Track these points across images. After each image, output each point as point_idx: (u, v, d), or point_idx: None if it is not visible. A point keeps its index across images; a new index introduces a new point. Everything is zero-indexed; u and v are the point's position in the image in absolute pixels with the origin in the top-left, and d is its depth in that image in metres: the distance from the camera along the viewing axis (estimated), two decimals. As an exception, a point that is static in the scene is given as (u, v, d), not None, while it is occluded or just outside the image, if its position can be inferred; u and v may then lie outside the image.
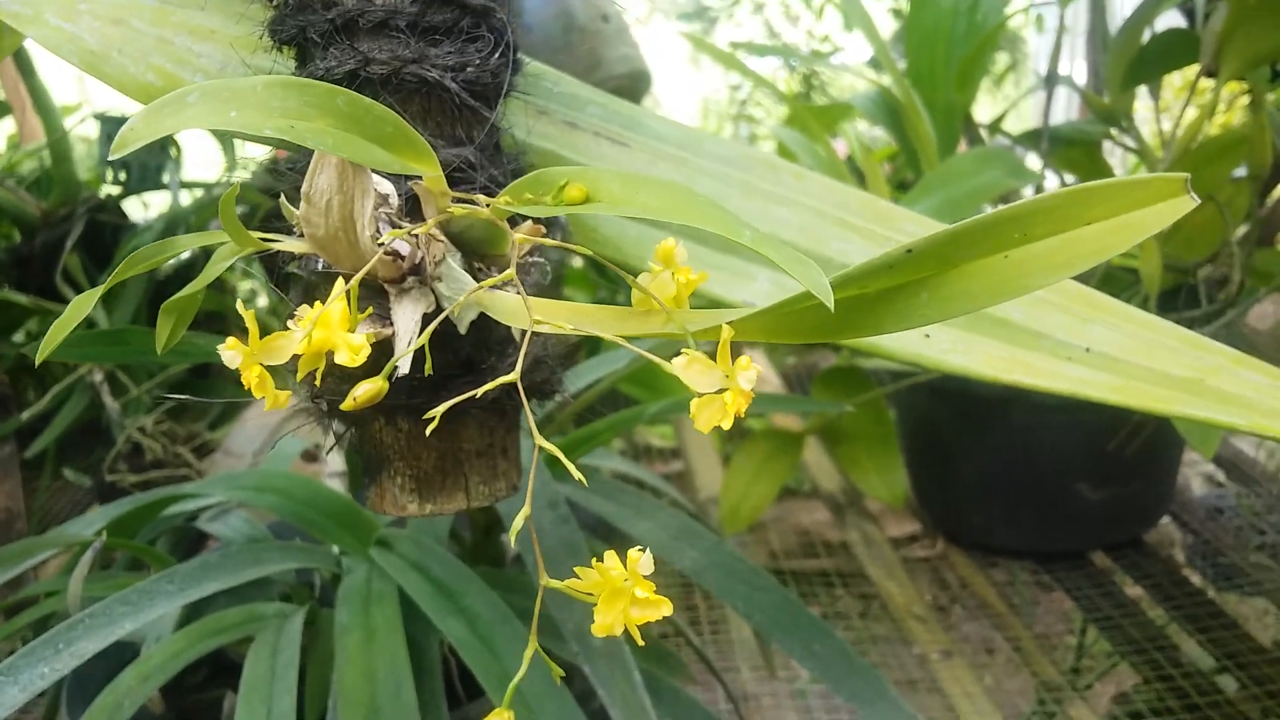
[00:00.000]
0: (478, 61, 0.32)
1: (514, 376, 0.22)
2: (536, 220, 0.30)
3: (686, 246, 0.29)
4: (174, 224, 1.27)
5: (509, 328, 0.34)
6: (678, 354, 0.20)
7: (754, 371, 0.19)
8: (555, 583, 0.22)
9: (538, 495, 0.57)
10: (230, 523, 0.67)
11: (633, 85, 1.56)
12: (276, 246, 0.30)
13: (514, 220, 0.30)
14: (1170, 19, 1.15)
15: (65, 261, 1.19)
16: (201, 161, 1.58)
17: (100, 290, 0.27)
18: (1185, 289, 1.02)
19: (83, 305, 0.26)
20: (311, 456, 0.92)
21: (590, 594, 0.23)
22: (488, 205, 0.26)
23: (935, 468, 1.12)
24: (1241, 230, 0.98)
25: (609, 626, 0.22)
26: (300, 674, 0.54)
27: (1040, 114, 1.24)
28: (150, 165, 1.36)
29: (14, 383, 1.14)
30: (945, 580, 1.08)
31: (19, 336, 1.20)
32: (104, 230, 1.29)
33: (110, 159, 1.35)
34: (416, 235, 0.29)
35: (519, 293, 0.30)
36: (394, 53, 0.31)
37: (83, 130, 1.51)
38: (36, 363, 0.25)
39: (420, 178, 0.27)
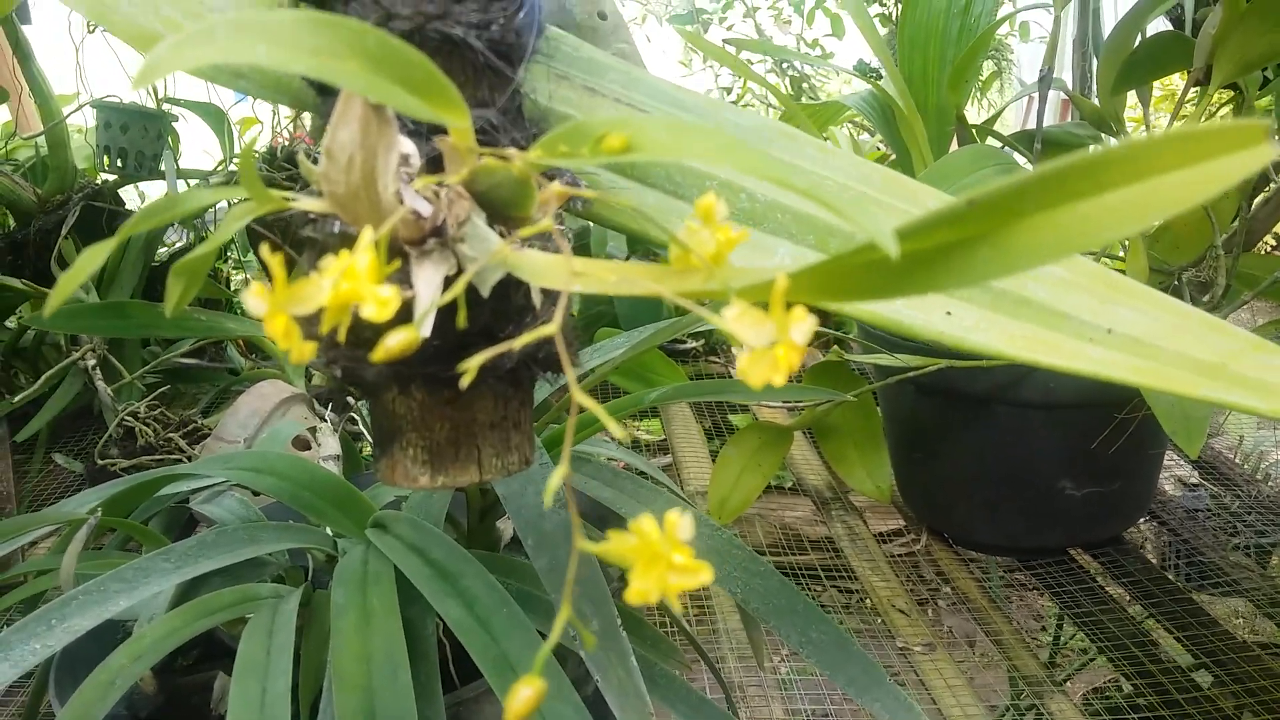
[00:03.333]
0: (502, 20, 0.31)
1: (554, 329, 0.22)
2: (563, 183, 0.29)
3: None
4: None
5: (528, 297, 0.33)
6: (728, 305, 0.19)
7: (809, 324, 0.19)
8: (590, 545, 0.21)
9: (535, 479, 0.56)
10: (225, 504, 0.66)
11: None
12: (296, 205, 0.29)
13: (541, 183, 0.29)
14: (1159, 26, 1.16)
15: (60, 247, 1.19)
16: (198, 151, 1.58)
17: (114, 242, 0.26)
18: (1170, 292, 1.02)
19: (95, 256, 0.25)
20: (304, 444, 0.91)
21: (624, 559, 0.22)
22: (521, 160, 0.25)
23: (920, 464, 1.12)
24: (1225, 235, 0.99)
25: (645, 593, 0.20)
26: (296, 654, 0.53)
27: (1020, 122, 1.25)
28: (146, 153, 1.36)
29: (6, 367, 1.13)
30: (927, 575, 1.08)
31: (11, 322, 1.20)
32: (100, 216, 1.29)
33: (96, 116, 1.33)
34: (439, 196, 0.29)
35: (554, 248, 0.30)
36: (417, 7, 0.30)
37: (79, 120, 1.50)
38: (46, 314, 0.24)
39: (446, 132, 0.27)
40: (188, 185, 1.34)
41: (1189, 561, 1.08)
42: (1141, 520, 1.14)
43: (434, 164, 0.31)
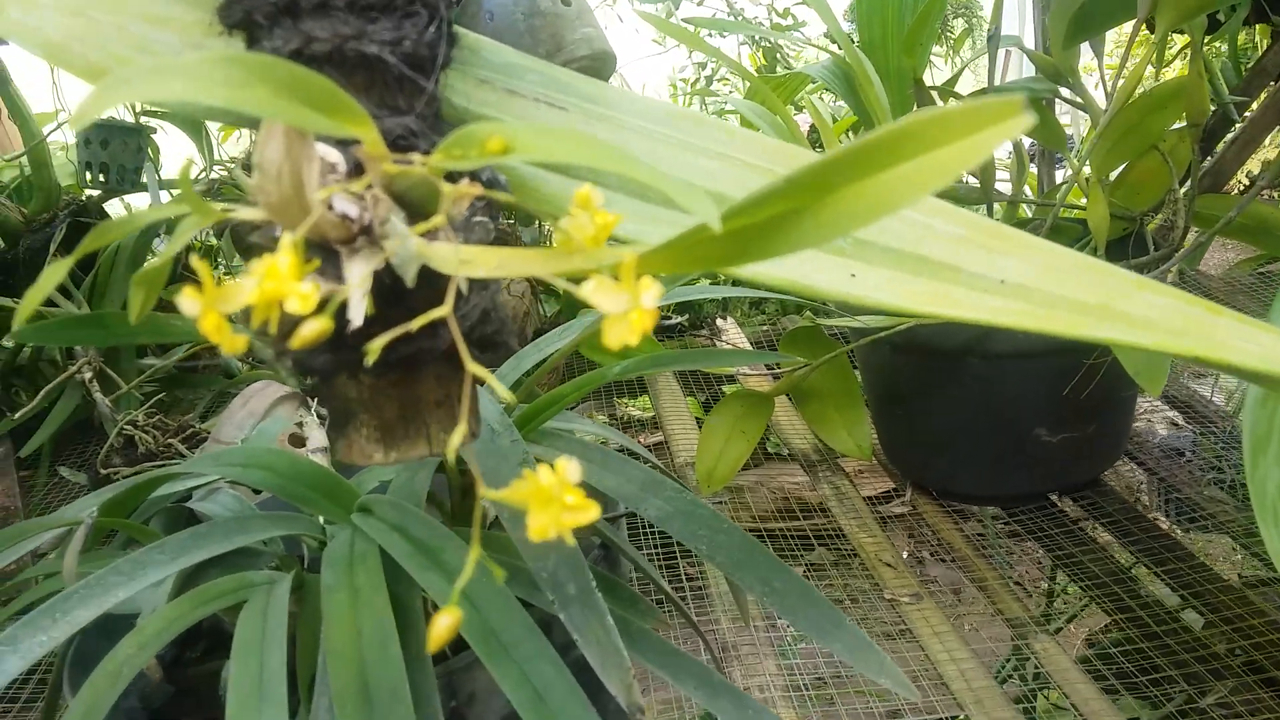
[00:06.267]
0: (414, 36, 0.34)
1: (445, 310, 0.25)
2: (474, 180, 0.32)
3: (609, 196, 0.32)
4: (156, 221, 1.32)
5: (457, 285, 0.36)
6: (587, 279, 0.22)
7: (656, 290, 0.22)
8: (493, 493, 0.25)
9: (508, 456, 0.60)
10: (220, 500, 0.69)
11: (595, 65, 1.58)
12: (234, 215, 0.32)
13: (455, 181, 0.32)
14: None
15: (49, 264, 1.22)
16: (181, 160, 1.61)
17: (70, 260, 0.29)
18: (1133, 236, 1.05)
19: (56, 273, 0.29)
20: (299, 441, 0.95)
21: (522, 503, 0.25)
22: (423, 164, 0.28)
23: (901, 421, 1.15)
24: (1181, 178, 1.01)
25: (544, 530, 0.24)
26: (292, 637, 0.56)
27: (999, 76, 1.26)
28: (128, 167, 1.38)
29: (6, 385, 1.17)
30: (914, 528, 1.11)
31: (8, 341, 1.23)
32: (87, 232, 1.31)
33: (76, 133, 1.36)
34: (364, 198, 0.32)
35: (476, 239, 0.33)
36: (334, 30, 0.33)
37: (60, 138, 1.53)
38: (13, 327, 0.27)
39: (360, 142, 0.30)
40: (170, 195, 1.38)
41: (1167, 500, 1.11)
42: (1119, 462, 1.17)
43: (361, 168, 0.34)
